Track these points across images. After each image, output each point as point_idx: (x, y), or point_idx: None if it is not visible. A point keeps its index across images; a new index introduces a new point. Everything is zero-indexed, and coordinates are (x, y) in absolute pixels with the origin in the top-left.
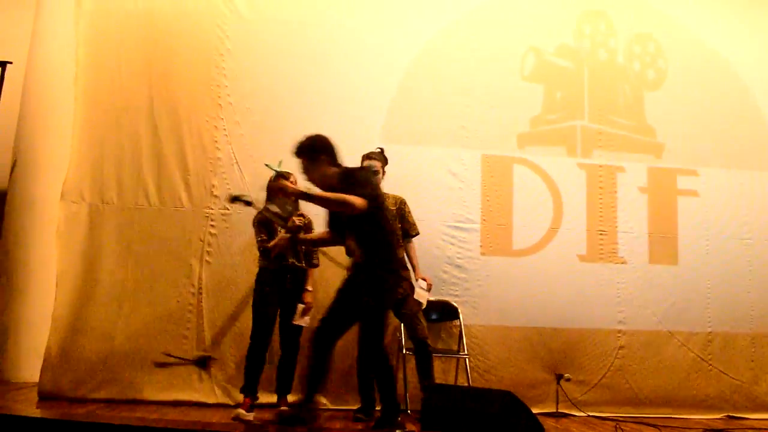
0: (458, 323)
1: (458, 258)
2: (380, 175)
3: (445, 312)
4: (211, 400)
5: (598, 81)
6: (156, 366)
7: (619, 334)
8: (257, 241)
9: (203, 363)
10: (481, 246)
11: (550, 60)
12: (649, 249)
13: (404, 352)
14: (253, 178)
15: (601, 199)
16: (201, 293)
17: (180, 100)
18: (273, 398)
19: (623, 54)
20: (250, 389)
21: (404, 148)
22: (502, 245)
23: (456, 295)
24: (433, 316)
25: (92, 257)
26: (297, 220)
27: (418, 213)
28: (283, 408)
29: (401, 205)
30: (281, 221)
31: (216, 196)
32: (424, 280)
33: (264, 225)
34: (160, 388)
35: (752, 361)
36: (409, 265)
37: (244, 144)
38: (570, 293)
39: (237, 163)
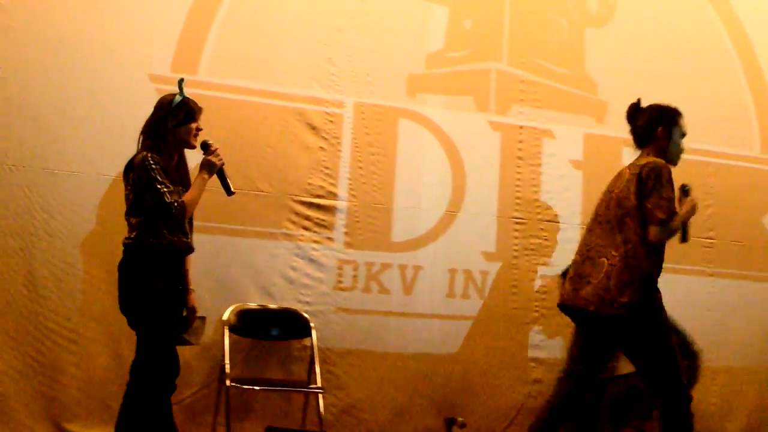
0: (310, 343)
1: (313, 250)
2: None
3: (291, 326)
4: None
5: (524, 8)
6: None
7: (533, 364)
8: (161, 192)
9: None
10: (346, 233)
11: None
12: None
13: (228, 383)
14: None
15: (519, 173)
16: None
17: None
18: None
19: None
20: None
21: (237, 86)
22: (378, 233)
23: (307, 303)
24: (273, 332)
25: None
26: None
27: (256, 181)
28: None
29: None
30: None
31: None
32: None
33: (166, 171)
34: None
35: None
36: None
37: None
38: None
39: None
